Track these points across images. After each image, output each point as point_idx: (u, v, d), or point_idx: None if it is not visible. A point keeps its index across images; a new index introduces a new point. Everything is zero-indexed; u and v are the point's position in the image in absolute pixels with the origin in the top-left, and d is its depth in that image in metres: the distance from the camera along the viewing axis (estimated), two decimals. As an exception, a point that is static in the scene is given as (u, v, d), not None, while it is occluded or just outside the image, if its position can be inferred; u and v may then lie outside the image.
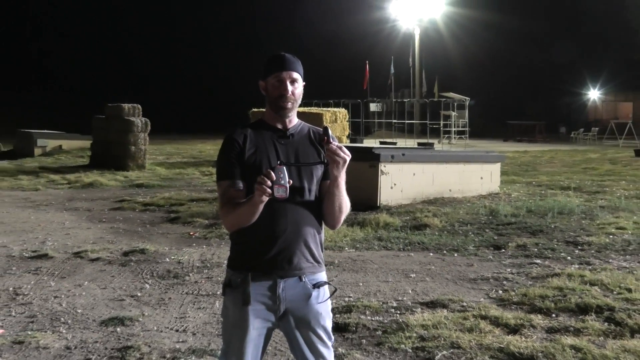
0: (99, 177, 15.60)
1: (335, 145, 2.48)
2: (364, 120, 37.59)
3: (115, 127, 18.23)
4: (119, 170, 17.02)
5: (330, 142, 2.48)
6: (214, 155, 3.33)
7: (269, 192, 2.38)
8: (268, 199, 2.42)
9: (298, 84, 2.62)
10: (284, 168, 2.43)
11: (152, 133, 18.90)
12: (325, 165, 2.59)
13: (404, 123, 37.66)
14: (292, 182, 2.46)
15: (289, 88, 2.58)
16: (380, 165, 10.14)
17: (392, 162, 10.35)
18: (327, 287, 2.68)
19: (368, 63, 39.90)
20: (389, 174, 10.30)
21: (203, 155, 24.02)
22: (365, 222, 8.83)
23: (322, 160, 2.61)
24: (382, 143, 26.90)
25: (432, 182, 10.99)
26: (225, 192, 2.57)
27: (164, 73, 69.08)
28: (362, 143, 27.17)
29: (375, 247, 7.75)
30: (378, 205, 10.03)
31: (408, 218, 9.19)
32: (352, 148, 3.40)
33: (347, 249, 7.60)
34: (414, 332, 4.62)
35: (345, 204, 2.63)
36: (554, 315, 5.00)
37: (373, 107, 40.37)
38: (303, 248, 2.58)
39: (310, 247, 2.61)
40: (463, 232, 8.46)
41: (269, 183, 2.37)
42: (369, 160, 10.13)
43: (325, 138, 2.50)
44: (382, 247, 7.75)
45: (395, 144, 25.78)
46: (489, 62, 51.31)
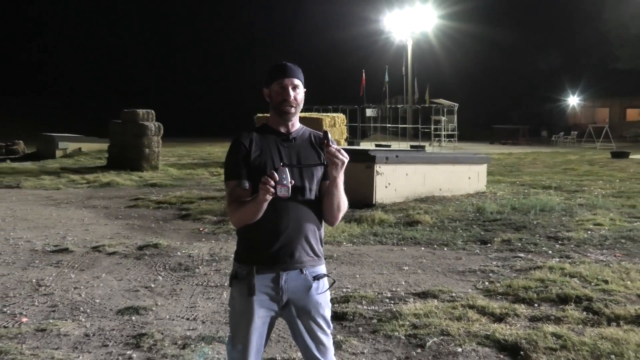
0: (116, 177, 15.61)
1: (334, 148, 2.48)
2: (361, 125, 37.63)
3: (131, 131, 18.23)
4: (134, 171, 17.04)
5: (330, 145, 2.49)
6: (222, 157, 3.33)
7: (273, 191, 2.38)
8: (272, 198, 2.42)
9: (299, 90, 2.62)
10: (287, 169, 2.44)
11: (164, 136, 18.91)
12: (325, 167, 2.59)
13: (398, 127, 37.73)
14: (294, 182, 2.46)
15: (291, 94, 2.58)
16: (376, 166, 10.14)
17: (386, 163, 10.36)
18: (326, 279, 2.68)
19: (364, 72, 39.98)
20: (384, 175, 10.30)
21: (212, 157, 24.03)
22: (362, 218, 8.83)
23: (322, 162, 2.61)
24: (377, 146, 26.90)
25: (423, 181, 10.99)
26: (233, 191, 2.58)
27: (177, 81, 69.23)
28: (358, 146, 27.18)
29: (371, 242, 7.76)
30: (373, 203, 10.03)
31: (401, 215, 9.20)
32: (349, 150, 3.40)
33: (345, 244, 7.60)
34: (407, 320, 4.62)
35: (343, 202, 2.63)
36: (536, 305, 5.01)
37: (369, 112, 40.48)
38: (304, 243, 2.59)
39: (311, 242, 2.61)
40: (452, 228, 8.46)
41: (273, 183, 2.37)
42: (365, 162, 10.14)
43: (325, 141, 2.50)
44: (377, 242, 7.76)
45: (390, 147, 25.80)
46: (477, 70, 51.36)
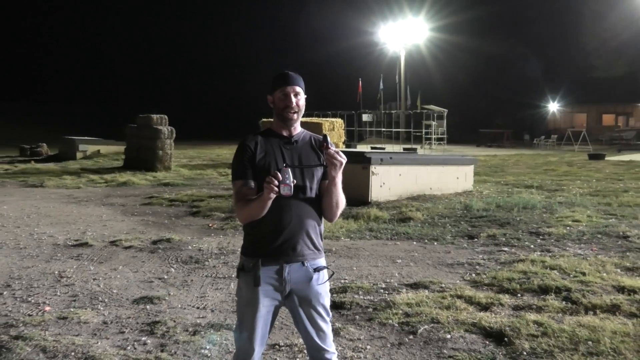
0: (132, 177, 15.61)
1: (333, 150, 2.48)
2: (358, 129, 37.61)
3: (146, 134, 18.24)
4: (149, 171, 17.04)
5: (329, 147, 2.49)
6: (230, 159, 3.32)
7: (276, 190, 2.39)
8: (275, 196, 2.42)
9: (301, 97, 2.62)
10: (289, 170, 2.44)
11: (176, 139, 18.91)
12: (325, 167, 2.59)
13: (392, 131, 37.84)
14: (296, 181, 2.47)
15: (293, 100, 2.58)
16: (371, 167, 10.14)
17: (381, 164, 10.36)
18: (325, 271, 2.68)
19: (361, 80, 40.02)
20: (379, 175, 10.30)
21: (220, 159, 24.03)
22: (359, 215, 8.83)
23: (321, 163, 2.61)
24: (373, 148, 26.88)
25: (415, 181, 10.99)
26: (239, 190, 2.58)
27: (188, 88, 69.39)
28: (355, 148, 27.15)
29: (367, 237, 7.75)
30: (369, 201, 10.03)
31: (395, 212, 9.19)
32: (347, 152, 3.41)
33: (343, 239, 7.60)
34: (400, 309, 4.62)
35: (342, 200, 2.63)
36: (519, 295, 5.00)
37: (365, 117, 40.43)
38: (305, 238, 2.58)
39: (312, 236, 2.61)
40: (442, 224, 8.46)
41: (276, 182, 2.38)
42: (362, 163, 10.14)
43: (325, 144, 2.50)
44: (372, 237, 7.75)
45: (384, 149, 25.75)
46: (464, 79, 51.43)
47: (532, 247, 6.99)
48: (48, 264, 6.29)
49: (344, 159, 2.51)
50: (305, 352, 2.94)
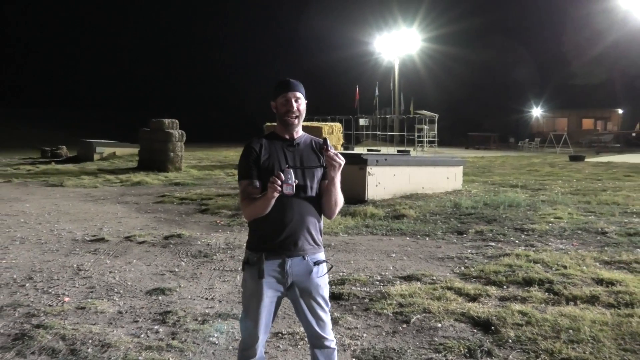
0: (145, 177, 15.61)
1: (332, 152, 2.48)
2: (355, 132, 37.65)
3: (158, 137, 18.23)
4: (161, 172, 17.03)
5: (329, 150, 2.49)
6: (236, 160, 3.32)
7: (279, 189, 2.39)
8: (278, 195, 2.42)
9: (301, 102, 2.62)
10: (291, 170, 2.44)
11: (187, 142, 18.90)
12: (324, 168, 2.59)
13: (386, 134, 37.83)
14: (297, 181, 2.47)
15: (294, 105, 2.58)
16: (368, 168, 10.14)
17: (376, 165, 10.36)
18: (325, 264, 2.67)
19: (358, 87, 40.02)
20: (374, 175, 10.31)
21: (227, 160, 24.01)
22: (356, 213, 8.83)
23: (321, 164, 2.61)
24: (369, 150, 26.91)
25: (408, 181, 10.99)
26: (245, 189, 2.58)
27: (198, 95, 69.52)
28: (353, 150, 27.17)
29: (364, 232, 7.75)
30: (366, 200, 10.03)
31: (389, 210, 9.19)
32: (345, 154, 3.40)
33: (341, 234, 7.60)
34: (394, 300, 4.62)
35: (340, 199, 2.63)
36: (505, 287, 5.01)
37: (362, 121, 40.46)
38: (306, 233, 2.58)
39: (312, 232, 2.61)
40: (433, 220, 8.46)
41: (279, 182, 2.38)
42: (359, 164, 10.14)
43: (325, 147, 2.50)
44: (369, 232, 7.76)
45: (379, 151, 25.77)
46: (454, 86, 51.38)
47: (517, 242, 6.99)
48: (67, 258, 6.29)
49: (343, 161, 2.51)
50: (306, 339, 2.94)
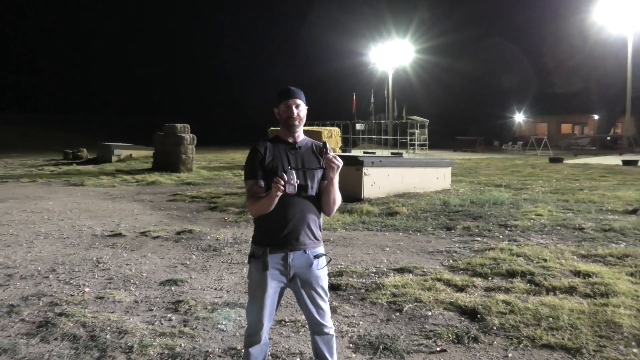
0: (159, 177, 15.61)
1: (332, 155, 2.49)
2: (352, 136, 37.68)
3: (171, 141, 18.23)
4: (174, 172, 17.03)
5: (328, 152, 2.49)
6: (243, 161, 3.32)
7: (282, 189, 2.39)
8: (282, 194, 2.42)
9: (302, 108, 2.62)
10: (294, 171, 2.44)
11: (197, 145, 18.91)
12: (324, 170, 2.59)
13: (381, 138, 37.84)
14: (299, 181, 2.47)
15: (295, 111, 2.59)
16: (364, 169, 10.14)
17: (372, 166, 10.35)
18: (324, 257, 2.67)
19: (355, 94, 40.04)
20: (370, 175, 10.30)
21: (235, 161, 24.01)
22: (353, 210, 8.83)
23: (321, 166, 2.61)
24: (365, 153, 26.92)
25: (401, 181, 10.99)
26: (251, 188, 2.58)
27: (207, 101, 69.70)
28: (350, 153, 27.17)
29: (360, 228, 7.75)
30: (362, 198, 10.03)
31: (384, 207, 9.19)
32: (343, 156, 3.40)
33: (339, 230, 7.60)
34: (388, 290, 4.62)
35: (338, 198, 2.63)
36: (490, 278, 5.01)
37: (358, 126, 40.54)
38: (307, 229, 2.58)
39: (312, 228, 2.61)
40: (424, 217, 8.46)
41: (283, 182, 2.38)
42: (356, 165, 10.14)
43: (324, 150, 2.51)
44: (364, 228, 7.75)
45: (375, 154, 25.77)
46: (443, 93, 51.40)
47: (501, 237, 6.99)
48: (87, 252, 6.29)
49: (341, 163, 2.51)
50: (307, 327, 2.94)
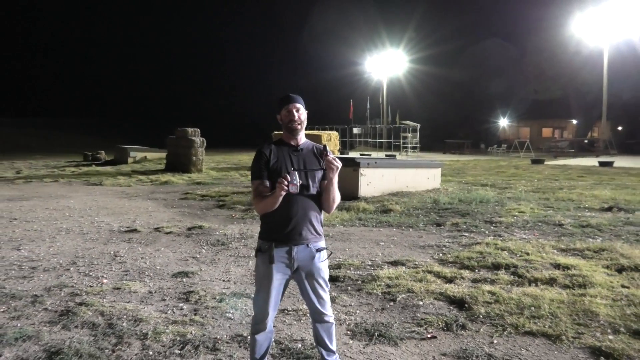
0: (171, 177, 15.60)
1: (331, 157, 2.49)
2: (349, 139, 37.66)
3: (182, 144, 18.22)
4: (185, 173, 17.03)
5: (328, 154, 2.49)
6: (249, 163, 3.32)
7: (286, 188, 2.40)
8: (285, 193, 2.42)
9: (302, 111, 2.63)
10: (296, 172, 2.45)
11: (207, 147, 18.90)
12: (324, 170, 2.59)
13: (376, 141, 37.78)
14: (301, 181, 2.47)
15: (296, 114, 2.59)
16: (360, 170, 10.13)
17: (368, 167, 10.35)
18: (325, 251, 2.67)
19: (352, 101, 40.03)
20: (366, 175, 10.30)
21: (241, 163, 24.00)
22: (350, 208, 8.83)
23: (321, 167, 2.61)
24: (361, 155, 26.87)
25: (395, 180, 10.99)
26: (257, 187, 2.58)
27: (216, 107, 69.65)
28: (348, 155, 27.15)
29: (357, 224, 7.75)
30: (358, 197, 10.02)
31: (379, 205, 9.19)
32: (341, 158, 3.41)
33: (337, 226, 7.60)
34: (383, 281, 4.62)
35: (337, 196, 2.63)
36: (477, 271, 5.00)
37: (355, 130, 40.50)
38: (309, 225, 2.58)
39: (314, 224, 2.61)
40: (415, 214, 8.45)
41: (286, 182, 2.39)
42: (353, 166, 10.12)
43: (324, 152, 2.51)
44: (361, 224, 7.75)
45: (370, 155, 25.75)
46: (434, 100, 51.40)
47: (486, 232, 6.99)
48: (105, 246, 6.29)
49: (340, 164, 2.52)
50: (309, 315, 2.94)
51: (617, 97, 38.29)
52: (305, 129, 2.72)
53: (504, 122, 51.39)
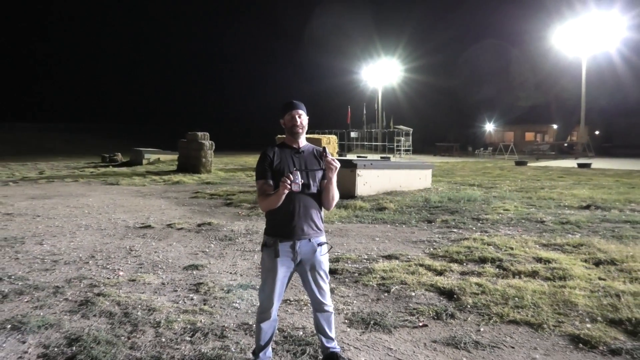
0: (183, 177, 15.60)
1: (330, 158, 2.49)
2: (347, 142, 37.65)
3: (193, 146, 18.22)
4: (195, 174, 17.01)
5: (327, 156, 2.49)
6: (254, 164, 3.32)
7: (289, 187, 2.39)
8: (288, 192, 2.42)
9: (303, 117, 2.63)
10: (298, 172, 2.45)
11: (215, 150, 18.88)
12: (324, 170, 2.59)
13: (372, 144, 37.76)
14: (303, 181, 2.47)
15: (298, 120, 2.59)
16: (357, 171, 10.14)
17: (364, 168, 10.35)
18: (326, 245, 2.68)
19: (350, 107, 40.06)
20: (362, 176, 10.30)
21: (247, 164, 23.99)
22: (348, 206, 8.82)
23: (321, 167, 2.61)
24: (358, 157, 26.86)
25: (389, 181, 10.99)
26: (261, 187, 2.58)
27: (224, 113, 69.74)
28: (345, 157, 27.14)
29: (354, 221, 7.74)
30: (355, 195, 10.02)
31: (374, 203, 9.18)
32: (339, 160, 3.40)
33: (336, 222, 7.59)
34: (378, 274, 4.62)
35: (336, 195, 2.63)
36: (465, 264, 5.00)
37: (353, 134, 40.55)
38: (310, 221, 2.58)
39: (315, 220, 2.61)
40: (408, 212, 8.45)
41: (289, 182, 2.39)
42: (350, 167, 10.13)
43: (324, 154, 2.51)
44: (358, 221, 7.74)
45: (366, 157, 25.74)
46: (425, 106, 51.37)
47: (474, 229, 6.99)
48: (122, 241, 6.29)
49: (338, 165, 2.52)
50: (309, 305, 2.94)
51: (594, 103, 38.28)
52: (306, 133, 2.72)
53: (490, 126, 51.38)
